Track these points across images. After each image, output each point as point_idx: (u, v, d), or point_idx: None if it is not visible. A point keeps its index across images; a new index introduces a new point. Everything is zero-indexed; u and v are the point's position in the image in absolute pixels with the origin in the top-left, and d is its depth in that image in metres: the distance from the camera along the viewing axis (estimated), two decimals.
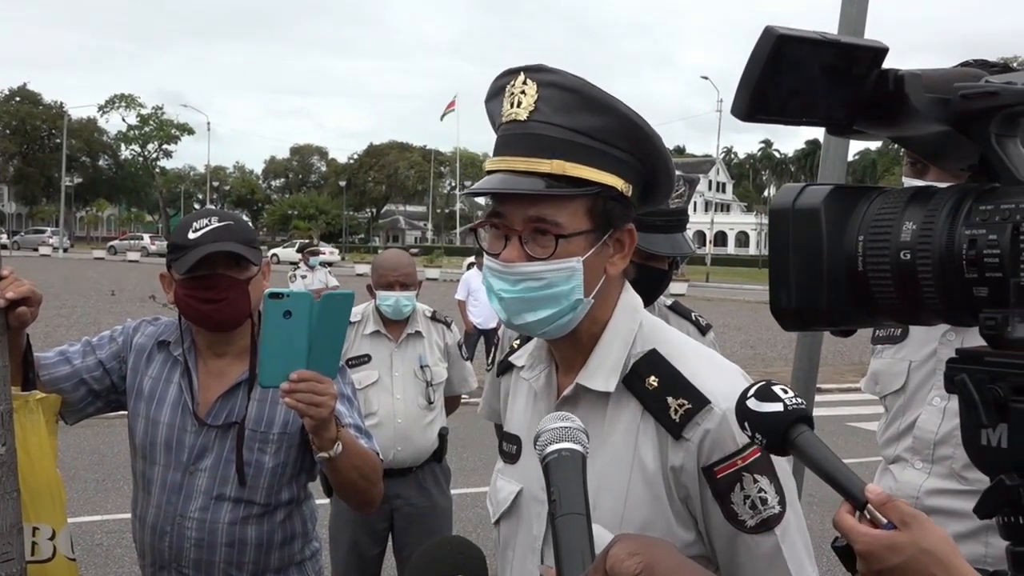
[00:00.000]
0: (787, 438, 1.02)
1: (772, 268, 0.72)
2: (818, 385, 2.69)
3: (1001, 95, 0.63)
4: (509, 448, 1.31)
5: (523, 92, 1.12)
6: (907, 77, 0.65)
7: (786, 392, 1.05)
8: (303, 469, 1.99)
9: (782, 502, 1.11)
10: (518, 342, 1.39)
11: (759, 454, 1.10)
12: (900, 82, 0.65)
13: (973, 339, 1.69)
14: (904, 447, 1.81)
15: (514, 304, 1.14)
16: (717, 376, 1.15)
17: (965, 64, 1.46)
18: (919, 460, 1.77)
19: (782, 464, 1.13)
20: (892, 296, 0.66)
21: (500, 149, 1.15)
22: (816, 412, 1.98)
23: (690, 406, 1.11)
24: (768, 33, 0.63)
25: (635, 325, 1.21)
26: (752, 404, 1.04)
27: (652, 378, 1.15)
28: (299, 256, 11.56)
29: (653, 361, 1.16)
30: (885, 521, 0.91)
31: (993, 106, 0.64)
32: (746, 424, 1.03)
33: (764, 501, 1.10)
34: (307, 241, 13.36)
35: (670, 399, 1.12)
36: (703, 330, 2.48)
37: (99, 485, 6.19)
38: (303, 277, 10.39)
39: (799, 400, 1.06)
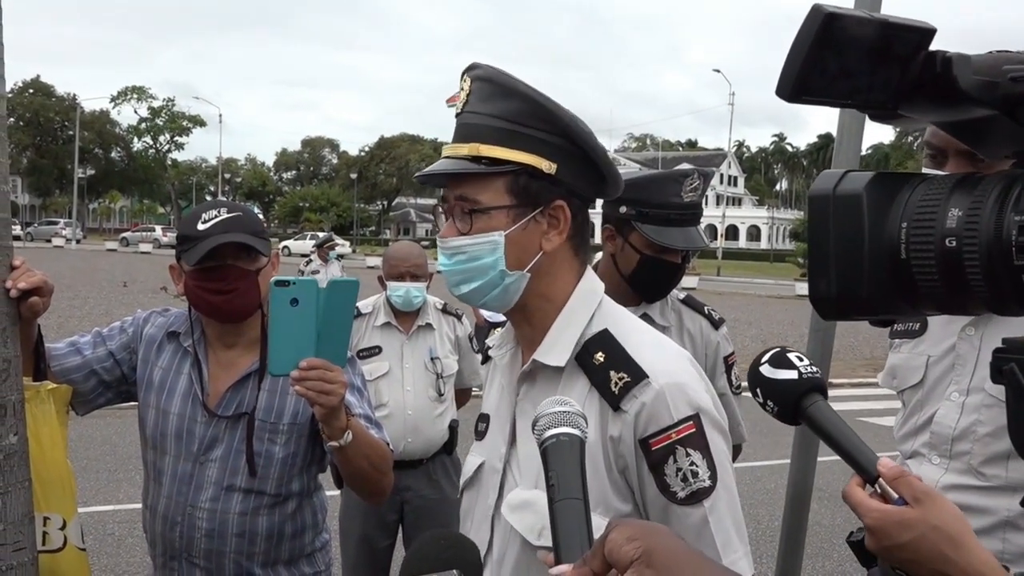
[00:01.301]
0: (799, 407, 0.99)
1: (811, 256, 0.70)
2: (830, 380, 2.66)
3: None
4: (481, 427, 1.38)
5: (462, 89, 1.24)
6: (955, 59, 0.63)
7: (801, 360, 1.02)
8: (313, 460, 1.98)
9: (713, 477, 1.14)
10: (498, 329, 1.45)
11: (692, 429, 1.14)
12: (948, 64, 0.63)
13: (992, 333, 1.65)
14: (921, 442, 1.78)
15: (452, 276, 1.24)
16: (659, 355, 1.21)
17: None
18: (936, 455, 1.74)
19: (719, 444, 1.17)
20: (936, 284, 0.64)
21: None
22: None
23: (629, 379, 1.16)
24: (816, 11, 0.61)
25: (592, 307, 1.26)
26: (765, 370, 1.01)
27: (599, 354, 1.20)
28: (315, 251, 11.49)
29: (603, 339, 1.22)
30: (896, 496, 0.89)
31: None
32: (758, 391, 1.00)
33: (695, 474, 1.14)
34: (328, 235, 13.27)
35: (612, 373, 1.18)
36: (716, 324, 2.44)
37: (111, 475, 6.23)
38: (315, 273, 10.35)
39: (815, 369, 1.03)
